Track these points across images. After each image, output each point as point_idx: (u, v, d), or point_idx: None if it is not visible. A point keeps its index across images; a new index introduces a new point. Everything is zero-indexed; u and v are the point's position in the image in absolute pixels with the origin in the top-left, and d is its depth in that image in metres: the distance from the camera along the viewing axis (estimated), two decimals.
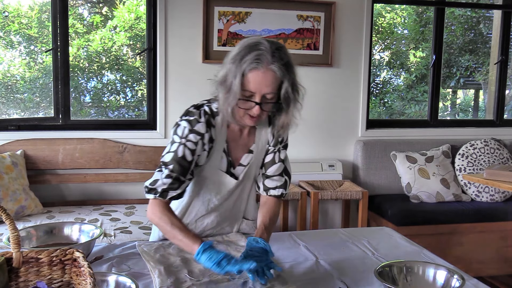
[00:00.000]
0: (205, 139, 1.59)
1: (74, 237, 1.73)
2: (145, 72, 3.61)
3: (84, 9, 3.83)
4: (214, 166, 1.67)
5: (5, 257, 1.15)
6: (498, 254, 3.53)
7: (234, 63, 1.49)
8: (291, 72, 1.52)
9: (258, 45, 1.48)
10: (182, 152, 1.57)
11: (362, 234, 1.89)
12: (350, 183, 3.51)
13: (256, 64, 1.46)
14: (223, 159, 1.67)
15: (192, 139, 1.57)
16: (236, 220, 1.84)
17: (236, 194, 1.76)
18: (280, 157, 1.75)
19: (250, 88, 1.49)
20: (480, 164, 3.69)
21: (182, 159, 1.56)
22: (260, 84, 1.48)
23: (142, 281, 1.41)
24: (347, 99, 3.81)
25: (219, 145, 1.65)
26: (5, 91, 3.51)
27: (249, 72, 1.47)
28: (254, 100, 1.51)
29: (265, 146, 1.74)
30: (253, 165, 1.74)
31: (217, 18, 3.49)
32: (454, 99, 5.86)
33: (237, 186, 1.73)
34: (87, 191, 3.43)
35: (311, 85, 3.73)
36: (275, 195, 1.73)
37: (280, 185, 1.73)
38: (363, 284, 1.43)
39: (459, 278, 1.35)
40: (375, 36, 4.70)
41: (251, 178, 1.77)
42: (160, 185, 1.56)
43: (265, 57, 1.47)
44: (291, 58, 1.54)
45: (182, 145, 1.57)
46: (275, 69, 1.47)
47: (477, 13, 5.14)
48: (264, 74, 1.47)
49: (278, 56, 1.48)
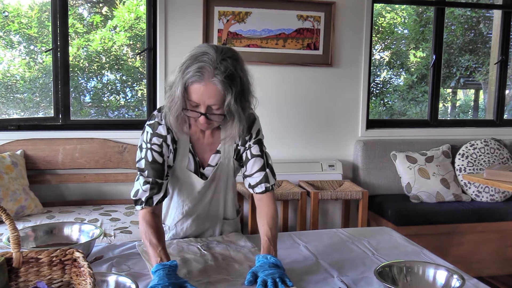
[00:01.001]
0: (168, 141, 1.63)
1: (74, 237, 1.73)
2: (145, 72, 3.61)
3: (84, 9, 3.83)
4: (182, 166, 1.68)
5: (5, 257, 1.15)
6: (498, 254, 3.53)
7: (179, 73, 1.49)
8: (236, 84, 1.48)
9: (203, 55, 1.46)
10: (151, 156, 1.61)
11: (362, 234, 1.89)
12: (350, 183, 3.51)
13: (198, 77, 1.45)
14: (190, 159, 1.69)
15: (156, 142, 1.61)
16: (217, 222, 1.83)
17: (208, 196, 1.75)
18: (252, 153, 1.71)
19: (194, 99, 1.49)
20: (480, 164, 3.69)
21: (153, 163, 1.60)
22: (203, 96, 1.47)
23: (142, 281, 1.41)
24: (347, 99, 3.81)
25: (183, 145, 1.67)
26: (5, 91, 3.51)
27: (191, 84, 1.47)
28: (199, 110, 1.51)
29: (232, 145, 1.72)
30: (223, 165, 1.73)
31: (217, 18, 3.49)
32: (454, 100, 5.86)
33: (207, 187, 1.73)
34: (87, 191, 3.43)
35: (311, 85, 3.76)
36: (259, 192, 1.71)
37: (260, 180, 1.70)
38: (363, 284, 1.43)
39: (459, 278, 1.35)
40: (375, 36, 4.70)
41: (222, 179, 1.75)
42: (142, 194, 1.59)
43: (207, 70, 1.45)
44: (239, 67, 1.50)
45: (149, 149, 1.61)
46: (216, 82, 1.45)
47: (477, 13, 5.14)
48: (205, 87, 1.46)
49: (221, 68, 1.45)
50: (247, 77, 1.54)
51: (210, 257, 1.60)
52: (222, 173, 1.74)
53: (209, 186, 1.74)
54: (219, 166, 1.72)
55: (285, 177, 3.50)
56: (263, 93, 3.61)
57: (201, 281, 1.41)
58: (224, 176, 1.75)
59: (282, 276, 1.40)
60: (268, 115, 3.66)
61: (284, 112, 3.71)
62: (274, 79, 3.65)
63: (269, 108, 3.66)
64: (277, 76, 3.65)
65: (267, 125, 3.69)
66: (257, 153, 1.71)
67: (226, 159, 1.73)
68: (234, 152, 1.73)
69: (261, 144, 1.74)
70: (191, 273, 1.47)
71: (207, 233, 1.84)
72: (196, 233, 1.82)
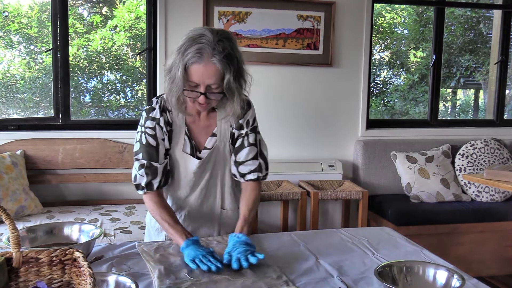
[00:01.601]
0: (161, 123, 1.70)
1: (74, 237, 1.73)
2: (145, 72, 3.61)
3: (84, 9, 3.83)
4: (178, 149, 1.74)
5: (5, 257, 1.15)
6: (498, 254, 3.53)
7: (178, 55, 1.56)
8: (234, 63, 1.57)
9: (201, 37, 1.53)
10: (145, 139, 1.69)
11: (362, 234, 1.89)
12: (350, 183, 3.51)
13: (197, 58, 1.52)
14: (186, 142, 1.74)
15: (150, 125, 1.70)
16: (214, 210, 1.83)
17: (204, 178, 1.78)
18: (249, 141, 1.77)
19: (194, 80, 1.56)
20: (480, 164, 3.69)
21: (147, 146, 1.69)
22: (203, 76, 1.55)
23: (142, 281, 1.41)
24: (347, 99, 3.81)
25: (179, 127, 1.73)
26: (5, 91, 3.52)
27: (191, 65, 1.54)
28: (199, 90, 1.58)
29: (228, 129, 1.77)
30: (219, 148, 1.77)
31: (217, 18, 3.49)
32: (454, 100, 5.86)
33: (203, 169, 1.75)
34: (87, 191, 3.43)
35: (311, 85, 3.76)
36: (251, 179, 1.77)
37: (255, 169, 1.77)
38: (363, 284, 1.43)
39: (459, 278, 1.35)
40: (375, 36, 4.70)
41: (219, 162, 1.78)
42: (140, 179, 1.69)
43: (206, 51, 1.52)
44: (234, 47, 1.59)
45: (143, 133, 1.70)
46: (215, 62, 1.53)
47: (477, 13, 5.14)
48: (205, 67, 1.53)
49: (219, 49, 1.52)
50: (241, 56, 1.62)
51: None
52: (218, 156, 1.77)
53: (204, 168, 1.76)
54: (215, 149, 1.76)
55: (285, 177, 3.50)
56: (263, 93, 3.63)
57: (201, 281, 1.41)
58: (220, 159, 1.78)
59: (253, 252, 1.52)
60: (268, 115, 3.67)
61: (284, 112, 3.71)
62: (274, 79, 3.65)
63: (269, 108, 3.66)
64: (277, 76, 3.65)
65: (267, 125, 3.71)
66: (253, 141, 1.78)
67: (222, 142, 1.76)
68: (230, 136, 1.77)
69: (256, 132, 1.80)
70: (191, 273, 1.47)
71: (205, 224, 1.84)
72: (194, 222, 1.83)
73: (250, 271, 1.48)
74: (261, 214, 3.37)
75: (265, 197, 3.11)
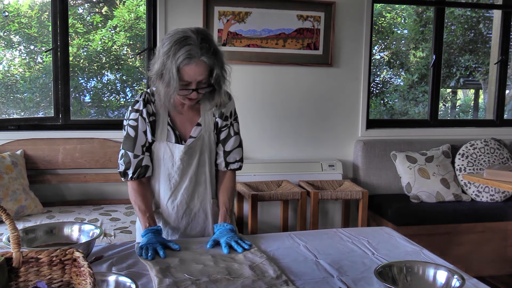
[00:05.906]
0: (144, 114, 1.79)
1: (74, 237, 1.73)
2: (145, 72, 3.61)
3: (84, 9, 3.83)
4: (162, 138, 1.82)
5: (5, 257, 1.15)
6: (498, 254, 3.53)
7: (168, 59, 1.63)
8: (219, 57, 1.69)
9: (186, 39, 1.63)
10: (126, 130, 1.81)
11: (362, 234, 1.89)
12: (350, 183, 3.51)
13: (189, 60, 1.62)
14: (170, 132, 1.82)
15: (133, 117, 1.80)
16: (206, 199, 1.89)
17: (192, 166, 1.84)
18: (234, 130, 1.91)
19: (186, 79, 1.66)
20: (480, 164, 3.69)
21: (128, 136, 1.81)
22: (195, 74, 1.66)
23: (142, 281, 1.41)
24: (347, 99, 3.81)
25: (162, 117, 1.82)
26: (5, 91, 3.52)
27: (183, 66, 1.63)
28: (191, 87, 1.69)
29: (212, 119, 1.86)
30: (204, 137, 1.85)
31: (217, 18, 3.49)
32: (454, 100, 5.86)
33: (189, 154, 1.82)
34: (87, 191, 3.43)
35: (311, 85, 3.76)
36: (234, 168, 1.92)
37: (240, 159, 1.92)
38: (363, 284, 1.43)
39: (459, 278, 1.35)
40: (375, 36, 4.70)
41: (205, 151, 1.86)
42: (120, 167, 1.81)
43: (195, 51, 1.62)
44: (215, 42, 1.70)
45: (127, 125, 1.82)
46: (205, 60, 1.64)
47: (477, 13, 5.14)
48: (196, 66, 1.64)
49: (206, 47, 1.64)
50: (221, 49, 1.73)
51: (210, 257, 1.61)
52: (204, 144, 1.85)
53: (191, 154, 1.83)
54: (200, 137, 1.85)
55: (285, 177, 3.50)
56: (263, 93, 3.63)
57: (201, 280, 1.41)
58: (206, 147, 1.86)
59: (239, 239, 1.70)
60: (268, 115, 3.66)
61: (284, 111, 3.71)
62: (274, 79, 3.65)
63: (269, 108, 3.66)
64: (277, 76, 3.65)
65: (267, 125, 3.71)
66: (237, 130, 1.92)
67: (207, 131, 1.86)
68: (214, 126, 1.87)
69: (237, 122, 1.94)
70: (191, 273, 1.47)
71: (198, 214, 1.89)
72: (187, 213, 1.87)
73: (250, 270, 1.48)
74: (261, 214, 3.37)
75: (265, 197, 3.11)
